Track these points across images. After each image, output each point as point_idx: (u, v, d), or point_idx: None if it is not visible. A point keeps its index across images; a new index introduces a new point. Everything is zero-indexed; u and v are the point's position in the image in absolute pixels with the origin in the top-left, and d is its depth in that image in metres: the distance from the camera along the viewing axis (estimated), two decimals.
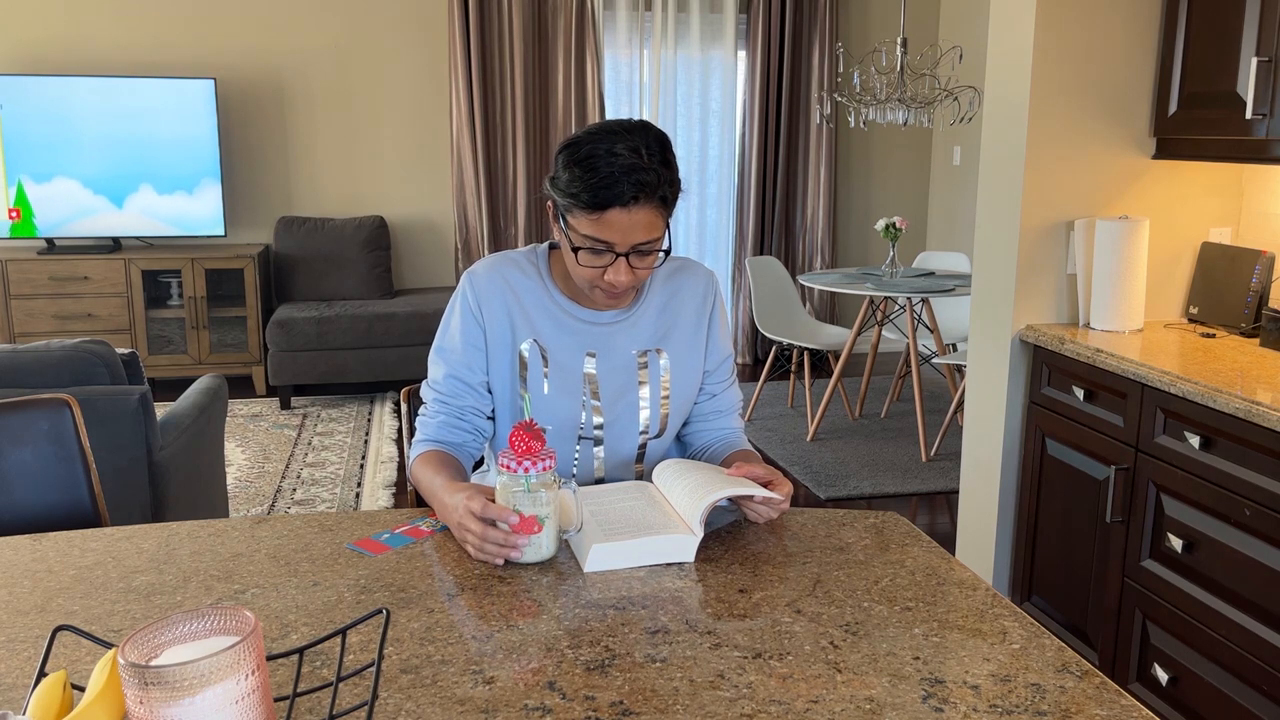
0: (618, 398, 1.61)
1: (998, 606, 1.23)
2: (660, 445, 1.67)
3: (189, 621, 0.89)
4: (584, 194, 1.43)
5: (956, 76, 5.79)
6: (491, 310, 1.59)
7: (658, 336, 1.63)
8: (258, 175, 5.78)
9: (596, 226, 1.45)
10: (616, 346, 1.61)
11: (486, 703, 1.01)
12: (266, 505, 3.91)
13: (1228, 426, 2.15)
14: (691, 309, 1.67)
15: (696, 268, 1.70)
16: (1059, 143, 2.74)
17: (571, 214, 1.47)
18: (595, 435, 1.62)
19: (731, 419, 1.73)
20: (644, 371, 1.62)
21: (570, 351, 1.60)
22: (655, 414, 1.63)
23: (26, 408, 1.67)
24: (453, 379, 1.61)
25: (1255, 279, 2.65)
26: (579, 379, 1.60)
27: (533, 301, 1.60)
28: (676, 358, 1.64)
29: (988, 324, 2.94)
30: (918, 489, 4.20)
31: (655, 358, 1.63)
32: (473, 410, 1.62)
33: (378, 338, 5.22)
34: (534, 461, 1.32)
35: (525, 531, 1.31)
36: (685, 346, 1.65)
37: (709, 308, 1.68)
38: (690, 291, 1.67)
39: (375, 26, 5.76)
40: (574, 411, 1.60)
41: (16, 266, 5.11)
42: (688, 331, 1.66)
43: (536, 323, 1.59)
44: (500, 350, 1.60)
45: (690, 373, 1.66)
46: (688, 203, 6.28)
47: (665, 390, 1.63)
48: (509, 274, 1.61)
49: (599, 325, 1.61)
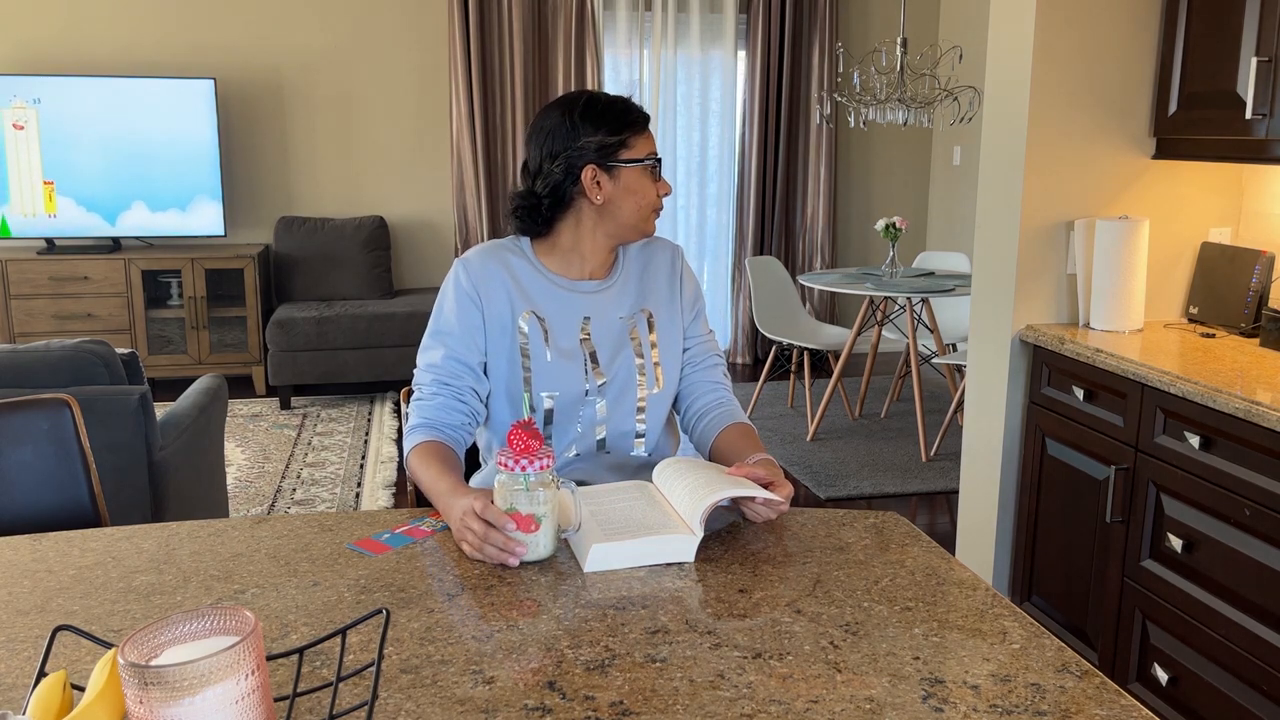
0: (613, 358, 1.72)
1: (998, 606, 1.23)
2: (659, 400, 1.76)
3: (189, 621, 0.89)
4: (629, 117, 1.65)
5: (956, 76, 5.78)
6: (489, 290, 1.69)
7: (639, 300, 1.77)
8: (258, 175, 5.78)
9: (647, 142, 1.67)
10: (606, 312, 1.73)
11: (486, 703, 1.01)
12: (266, 505, 3.91)
13: (1227, 426, 2.15)
14: (664, 272, 1.81)
15: (663, 240, 1.86)
16: (1059, 143, 2.74)
17: (628, 146, 1.65)
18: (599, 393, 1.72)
19: (713, 372, 1.84)
20: (634, 332, 1.75)
21: (566, 318, 1.70)
22: (649, 368, 1.75)
23: (26, 408, 1.67)
24: (452, 359, 1.67)
25: (1255, 279, 2.65)
26: (577, 344, 1.70)
27: (526, 277, 1.71)
28: (660, 317, 1.78)
29: (988, 324, 2.94)
30: (918, 489, 4.20)
31: (641, 318, 1.76)
32: (472, 391, 1.68)
33: (378, 338, 5.22)
34: (531, 460, 1.32)
35: (522, 530, 1.32)
36: (664, 306, 1.79)
37: (678, 269, 1.83)
38: (660, 260, 1.82)
39: (375, 26, 5.76)
40: (576, 376, 1.69)
41: (16, 266, 5.11)
42: (664, 292, 1.79)
43: (533, 295, 1.70)
44: (500, 328, 1.68)
45: (674, 329, 1.79)
46: (688, 203, 6.29)
47: (654, 347, 1.76)
48: (502, 255, 1.72)
49: (588, 294, 1.73)
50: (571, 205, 1.68)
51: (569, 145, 1.64)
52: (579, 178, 1.65)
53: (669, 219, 6.26)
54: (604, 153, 1.64)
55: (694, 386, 1.81)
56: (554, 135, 1.64)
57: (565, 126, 1.64)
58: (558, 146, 1.64)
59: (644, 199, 1.68)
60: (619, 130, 1.64)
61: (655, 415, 1.76)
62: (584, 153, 1.64)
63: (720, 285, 6.44)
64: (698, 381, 1.81)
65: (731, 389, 1.85)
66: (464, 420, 1.67)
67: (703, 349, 1.83)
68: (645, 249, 1.81)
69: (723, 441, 1.73)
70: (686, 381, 1.81)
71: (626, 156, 1.65)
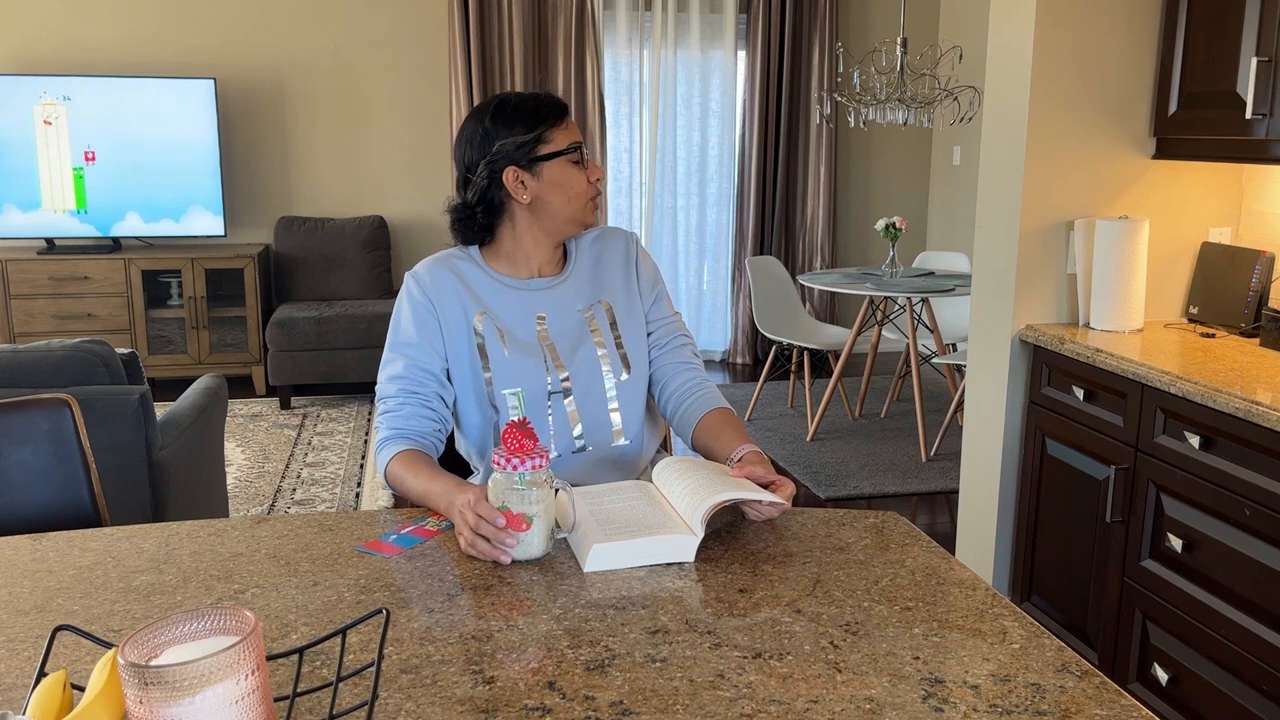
0: (574, 351, 1.72)
1: (998, 606, 1.23)
2: (631, 387, 1.74)
3: (189, 621, 0.89)
4: (546, 115, 1.66)
5: (956, 76, 5.78)
6: (441, 297, 1.70)
7: (595, 291, 1.77)
8: (258, 175, 5.78)
9: (567, 133, 1.67)
10: (562, 306, 1.74)
11: (486, 703, 1.01)
12: (266, 505, 3.91)
13: (1227, 426, 2.15)
14: (619, 261, 1.81)
15: (614, 230, 1.87)
16: (1059, 143, 2.74)
17: (546, 140, 1.66)
18: (564, 388, 1.70)
19: (682, 353, 1.83)
20: (593, 323, 1.74)
21: (520, 317, 1.71)
22: (614, 357, 1.73)
23: (26, 408, 1.67)
24: (415, 368, 1.68)
25: (1255, 279, 2.65)
26: (534, 340, 1.71)
27: (476, 281, 1.73)
28: (619, 305, 1.78)
29: (988, 324, 2.94)
30: (918, 489, 4.20)
31: (600, 309, 1.76)
32: (438, 397, 1.69)
33: (378, 338, 5.22)
34: (524, 459, 1.32)
35: (513, 529, 1.32)
36: (622, 294, 1.79)
37: (633, 255, 1.83)
38: (614, 248, 1.82)
39: (375, 27, 5.76)
40: (537, 371, 1.68)
41: (16, 266, 5.11)
42: (619, 281, 1.80)
43: (484, 298, 1.71)
44: (457, 334, 1.69)
45: (635, 316, 1.79)
46: (688, 203, 6.28)
47: (617, 336, 1.75)
48: (450, 263, 1.74)
49: (540, 291, 1.74)
50: (504, 209, 1.70)
51: (486, 151, 1.66)
52: (503, 182, 1.66)
53: (669, 219, 6.26)
54: (522, 152, 1.65)
55: (664, 369, 1.80)
56: (471, 144, 1.67)
57: (480, 133, 1.66)
58: (477, 154, 1.67)
59: (573, 189, 1.68)
60: (533, 127, 1.65)
61: (630, 404, 1.74)
62: (502, 156, 1.65)
63: (720, 285, 6.44)
64: (667, 364, 1.80)
65: (703, 367, 1.85)
66: (434, 427, 1.67)
67: (667, 330, 1.82)
68: (598, 241, 1.81)
69: (704, 429, 1.72)
70: (656, 365, 1.81)
71: (545, 151, 1.65)
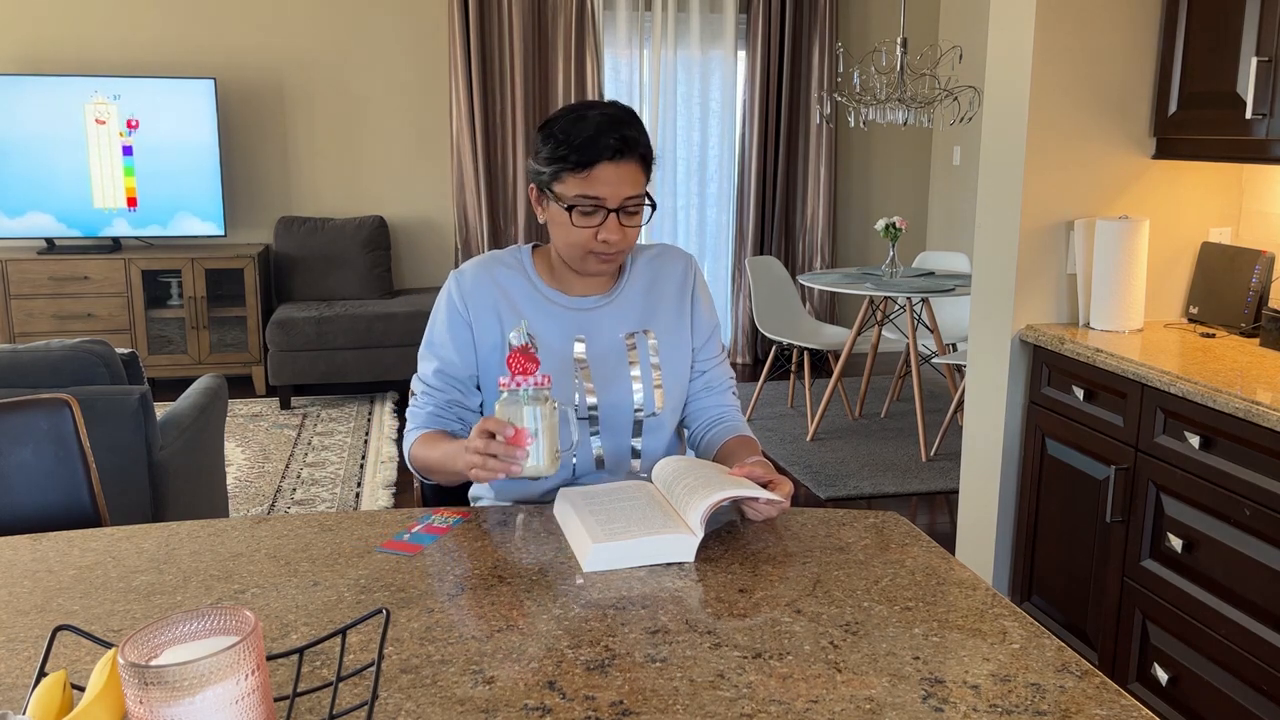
0: (610, 379, 1.65)
1: (998, 606, 1.23)
2: (659, 423, 1.69)
3: (189, 621, 0.89)
4: (571, 155, 1.52)
5: (956, 76, 5.78)
6: (478, 308, 1.66)
7: (643, 318, 1.69)
8: (258, 175, 5.78)
9: (586, 184, 1.52)
10: (604, 330, 1.66)
11: (486, 703, 1.01)
12: (266, 505, 3.91)
13: (1227, 426, 2.15)
14: (674, 289, 1.72)
15: (675, 251, 1.77)
16: (1059, 143, 2.74)
17: (560, 180, 1.54)
18: (591, 415, 1.66)
19: (725, 396, 1.78)
20: (633, 352, 1.67)
21: (558, 336, 1.65)
22: (649, 393, 1.67)
23: (26, 408, 1.67)
24: (440, 374, 1.68)
25: (1255, 279, 2.65)
26: (569, 363, 1.64)
27: (519, 293, 1.66)
28: (664, 337, 1.69)
29: (988, 324, 2.94)
30: (918, 489, 4.20)
31: (643, 339, 1.68)
32: (458, 404, 1.69)
33: (377, 338, 5.22)
34: (526, 377, 1.38)
35: (518, 445, 1.37)
36: (672, 326, 1.70)
37: (690, 286, 1.74)
38: (671, 272, 1.73)
39: (375, 27, 5.76)
40: (567, 394, 1.64)
41: (16, 266, 5.11)
42: (672, 311, 1.71)
43: (524, 312, 1.65)
44: (490, 346, 1.66)
45: (680, 350, 1.71)
46: (688, 203, 6.29)
47: (656, 368, 1.67)
48: (494, 270, 1.68)
49: (584, 311, 1.67)
50: None
51: (532, 156, 1.62)
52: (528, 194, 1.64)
53: (669, 219, 6.26)
54: (541, 178, 1.59)
55: (706, 410, 1.76)
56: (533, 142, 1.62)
57: (537, 137, 1.60)
58: (530, 154, 1.63)
59: (571, 238, 1.58)
60: (551, 161, 1.55)
61: (654, 438, 1.70)
62: (532, 170, 1.61)
63: (720, 285, 6.44)
64: (711, 405, 1.76)
65: (740, 406, 1.81)
66: (457, 428, 1.69)
67: (717, 373, 1.77)
68: (655, 260, 1.73)
69: (723, 452, 1.70)
70: (698, 404, 1.76)
71: (557, 190, 1.56)
